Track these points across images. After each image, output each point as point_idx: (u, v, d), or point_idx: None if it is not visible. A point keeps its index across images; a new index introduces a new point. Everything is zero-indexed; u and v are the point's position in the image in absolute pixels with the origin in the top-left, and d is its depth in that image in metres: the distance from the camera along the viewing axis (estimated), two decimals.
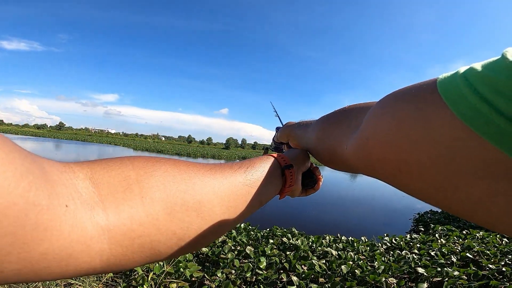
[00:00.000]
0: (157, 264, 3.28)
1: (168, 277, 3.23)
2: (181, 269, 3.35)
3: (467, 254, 4.81)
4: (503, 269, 4.04)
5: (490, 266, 4.26)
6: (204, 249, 4.32)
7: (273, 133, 1.12)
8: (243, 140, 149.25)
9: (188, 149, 66.15)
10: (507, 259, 4.54)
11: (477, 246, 5.49)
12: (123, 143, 71.83)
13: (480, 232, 6.89)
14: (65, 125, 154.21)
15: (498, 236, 6.65)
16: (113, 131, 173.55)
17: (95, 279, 3.05)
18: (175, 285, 3.10)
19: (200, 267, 3.69)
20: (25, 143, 42.59)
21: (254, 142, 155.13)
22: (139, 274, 3.08)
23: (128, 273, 3.31)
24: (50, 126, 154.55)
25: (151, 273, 3.10)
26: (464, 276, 3.86)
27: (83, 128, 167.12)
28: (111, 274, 3.08)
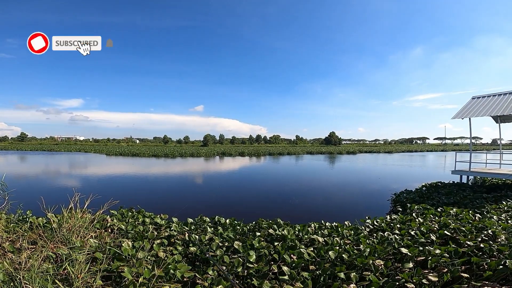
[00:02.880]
0: (146, 268, 3.18)
1: (160, 280, 3.13)
2: (171, 271, 3.27)
3: (445, 232, 5.04)
4: (481, 245, 4.25)
5: (468, 242, 4.46)
6: (192, 248, 4.24)
7: (251, 126, 1.04)
8: (221, 136, 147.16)
9: (165, 149, 64.76)
10: (483, 235, 4.77)
11: (453, 223, 5.76)
12: (94, 149, 69.01)
13: (454, 209, 7.26)
14: (27, 135, 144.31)
15: (470, 212, 7.04)
16: (81, 138, 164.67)
17: None
18: (167, 287, 3.02)
19: (190, 267, 3.62)
20: None
21: (232, 137, 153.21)
22: (129, 279, 2.97)
23: (118, 279, 3.20)
24: (11, 138, 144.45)
25: (141, 278, 2.99)
26: (446, 254, 4.02)
27: (48, 137, 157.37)
28: (100, 282, 2.94)
